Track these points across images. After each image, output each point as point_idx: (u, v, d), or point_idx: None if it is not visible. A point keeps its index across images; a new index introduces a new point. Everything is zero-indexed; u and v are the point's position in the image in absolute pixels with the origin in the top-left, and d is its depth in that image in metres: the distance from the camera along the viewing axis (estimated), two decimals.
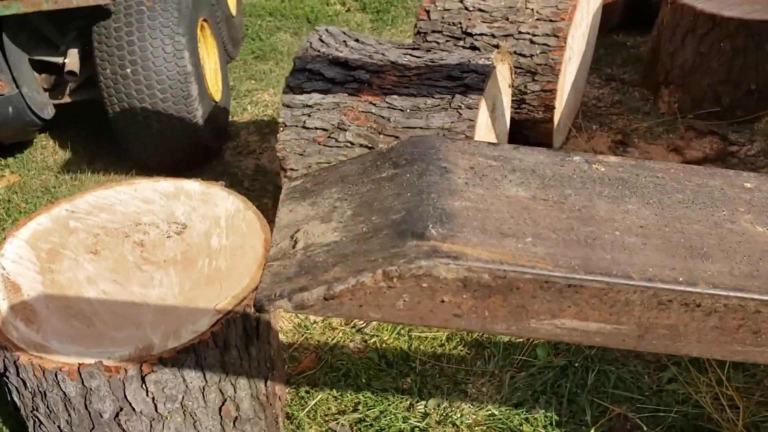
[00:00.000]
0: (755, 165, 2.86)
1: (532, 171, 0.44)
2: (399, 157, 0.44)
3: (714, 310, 0.38)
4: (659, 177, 0.45)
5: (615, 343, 0.40)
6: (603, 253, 0.38)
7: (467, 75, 1.97)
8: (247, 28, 4.41)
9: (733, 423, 1.75)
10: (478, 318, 0.39)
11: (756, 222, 0.43)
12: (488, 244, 0.38)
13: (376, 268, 0.37)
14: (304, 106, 2.01)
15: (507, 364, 2.01)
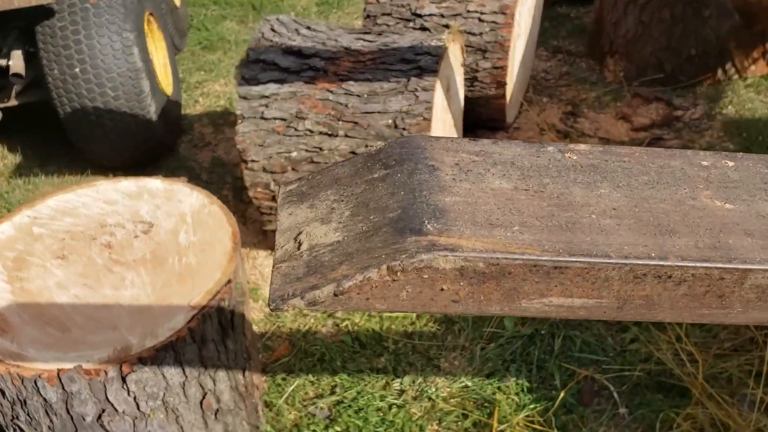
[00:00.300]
0: (699, 128, 2.97)
1: (512, 163, 0.48)
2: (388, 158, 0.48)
3: (683, 279, 0.42)
4: (626, 161, 0.49)
5: (597, 315, 0.44)
6: (583, 236, 0.42)
7: (421, 57, 2.00)
8: (192, 19, 4.35)
9: (693, 376, 1.84)
10: (475, 302, 0.42)
11: (714, 197, 0.47)
12: (480, 234, 0.41)
13: (381, 263, 0.40)
14: (261, 97, 2.02)
15: (477, 337, 2.07)
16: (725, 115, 3.01)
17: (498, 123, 2.83)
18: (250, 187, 2.10)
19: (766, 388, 1.78)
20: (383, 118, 1.93)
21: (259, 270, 2.43)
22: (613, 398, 1.87)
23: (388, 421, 1.86)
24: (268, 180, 2.06)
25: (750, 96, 3.11)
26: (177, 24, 3.78)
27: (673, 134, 2.95)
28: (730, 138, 2.87)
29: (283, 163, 2.02)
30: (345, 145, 1.96)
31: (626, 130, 3.01)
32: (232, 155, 3.06)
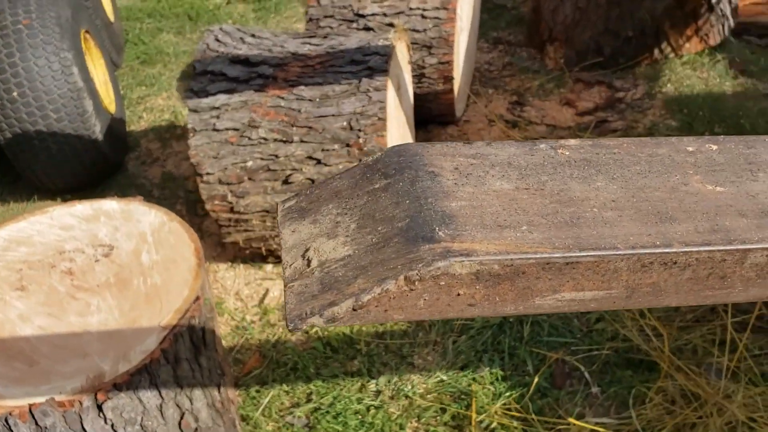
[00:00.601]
0: (642, 107, 3.05)
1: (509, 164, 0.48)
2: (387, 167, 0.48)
3: (688, 264, 0.43)
4: (616, 153, 0.50)
5: (607, 305, 0.45)
6: (589, 230, 0.43)
7: (370, 57, 2.00)
8: (128, 33, 4.26)
9: (660, 350, 1.90)
10: (490, 304, 0.43)
11: (705, 181, 0.49)
12: (491, 237, 0.42)
13: (398, 274, 0.40)
14: (211, 109, 1.99)
15: (447, 330, 2.08)
16: (665, 94, 3.10)
17: (448, 117, 2.86)
18: (207, 200, 2.07)
19: (730, 355, 1.84)
20: (338, 121, 1.93)
21: (221, 283, 2.40)
22: (585, 378, 1.91)
23: (368, 423, 1.86)
24: (225, 192, 2.04)
25: (687, 73, 3.21)
26: (113, 40, 3.70)
27: (617, 116, 3.02)
28: (672, 115, 2.95)
29: (239, 173, 2.00)
30: (301, 151, 1.95)
31: (572, 115, 3.07)
32: (182, 169, 3.01)
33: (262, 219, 2.10)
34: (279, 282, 2.34)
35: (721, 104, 2.99)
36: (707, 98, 3.03)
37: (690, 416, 1.72)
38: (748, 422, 1.69)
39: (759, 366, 1.84)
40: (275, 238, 2.19)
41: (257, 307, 2.27)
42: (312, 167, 1.96)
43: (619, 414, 1.80)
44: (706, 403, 1.73)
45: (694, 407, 1.74)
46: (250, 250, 2.31)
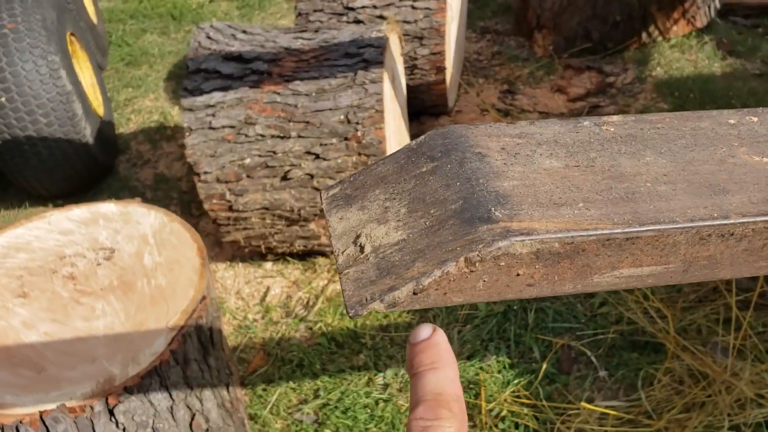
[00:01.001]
0: (632, 91, 3.06)
1: (555, 142, 0.47)
2: (432, 150, 0.47)
3: (744, 235, 0.43)
4: (659, 127, 0.50)
5: (664, 281, 0.44)
6: (646, 205, 0.42)
7: (364, 50, 1.99)
8: (111, 35, 4.22)
9: (665, 331, 1.90)
10: (549, 283, 0.42)
11: (751, 153, 0.48)
12: (549, 215, 0.41)
13: (458, 256, 0.39)
14: (206, 107, 1.97)
15: (452, 321, 2.08)
16: (655, 77, 3.11)
17: (440, 108, 2.85)
18: (205, 199, 2.05)
19: (735, 333, 1.85)
20: (335, 115, 1.92)
21: (221, 283, 2.39)
22: (592, 362, 1.91)
23: (377, 417, 1.85)
24: (223, 190, 2.02)
25: (675, 56, 3.22)
26: (97, 42, 3.66)
27: (608, 101, 3.02)
28: (663, 98, 2.96)
29: (237, 171, 1.98)
30: (299, 146, 1.94)
31: (563, 101, 3.07)
32: (174, 170, 2.99)
33: (262, 216, 2.08)
34: (279, 279, 2.33)
35: (711, 85, 3.01)
36: (697, 80, 3.05)
37: (699, 395, 1.72)
38: (756, 399, 1.70)
39: (764, 343, 1.86)
40: (275, 235, 2.17)
41: (259, 305, 2.25)
42: (311, 162, 1.94)
43: (628, 396, 1.80)
44: (714, 381, 1.74)
45: (702, 386, 1.75)
46: (249, 249, 2.30)
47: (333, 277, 2.27)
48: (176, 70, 3.79)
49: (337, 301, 2.19)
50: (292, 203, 2.02)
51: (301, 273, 2.32)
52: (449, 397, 0.39)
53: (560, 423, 1.74)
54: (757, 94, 2.94)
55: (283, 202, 2.02)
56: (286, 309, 2.22)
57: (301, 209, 2.03)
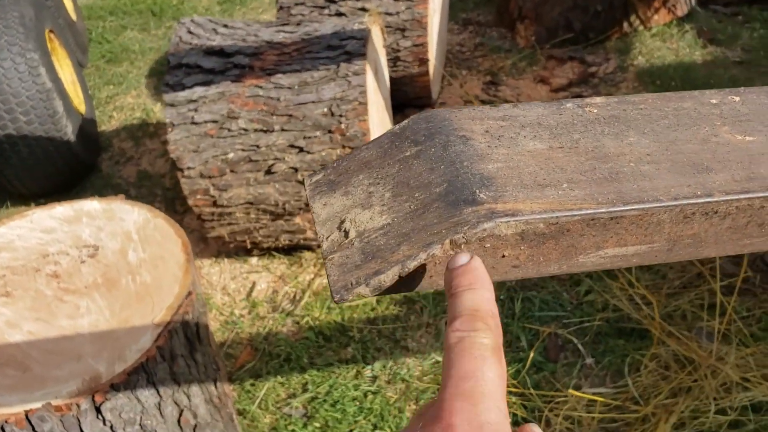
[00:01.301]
0: (615, 81, 3.07)
1: (538, 124, 0.47)
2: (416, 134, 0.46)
3: (728, 213, 0.43)
4: (642, 108, 0.50)
5: (649, 260, 0.44)
6: (629, 184, 0.42)
7: (347, 42, 1.98)
8: (91, 32, 4.18)
9: (650, 318, 1.91)
10: (534, 264, 0.42)
11: (733, 132, 0.48)
12: (534, 196, 0.41)
13: (443, 238, 0.39)
14: (188, 102, 1.96)
15: (439, 312, 2.08)
16: (637, 66, 3.12)
17: (424, 100, 2.85)
18: (189, 195, 2.04)
19: (720, 318, 1.87)
20: (318, 107, 1.91)
21: (206, 279, 2.37)
22: (579, 350, 1.92)
23: (366, 409, 1.85)
24: (207, 185, 2.01)
25: (657, 45, 3.23)
26: (77, 39, 3.63)
27: (590, 90, 3.03)
28: (644, 87, 2.98)
29: (221, 166, 1.97)
30: (283, 140, 1.93)
31: (546, 92, 3.08)
32: (157, 167, 2.97)
33: (246, 211, 2.07)
34: (265, 274, 2.32)
35: (692, 73, 3.03)
36: (678, 68, 3.06)
37: (685, 380, 1.74)
38: (742, 383, 1.72)
39: (748, 327, 1.87)
40: (260, 230, 2.17)
41: (245, 300, 2.25)
42: (294, 156, 1.93)
43: (615, 383, 1.81)
44: (700, 366, 1.76)
45: (688, 371, 1.76)
46: (235, 244, 2.29)
47: (319, 272, 2.26)
48: (158, 66, 3.76)
49: (324, 295, 2.19)
50: (277, 197, 2.01)
51: (287, 267, 2.31)
52: (486, 312, 0.40)
53: (548, 411, 1.75)
54: (737, 81, 2.96)
55: (267, 196, 2.01)
56: (272, 304, 2.21)
57: (285, 203, 2.03)
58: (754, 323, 1.89)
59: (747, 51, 3.17)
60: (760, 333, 1.87)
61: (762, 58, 3.11)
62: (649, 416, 1.70)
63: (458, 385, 0.37)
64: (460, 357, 0.38)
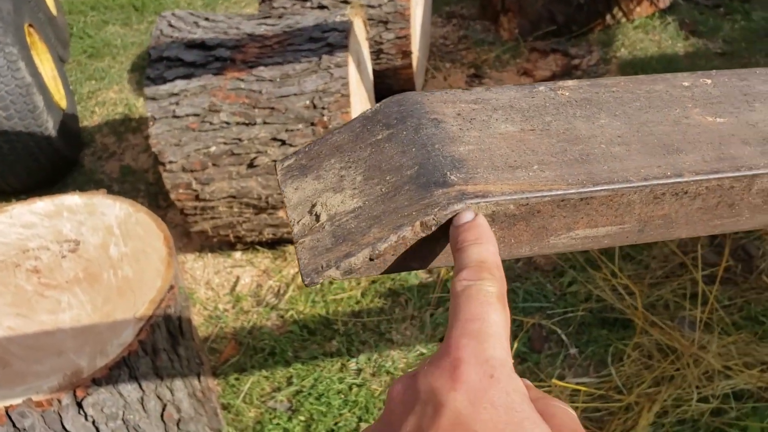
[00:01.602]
0: (597, 73, 3.08)
1: (510, 107, 0.47)
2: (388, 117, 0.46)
3: (698, 193, 0.43)
4: (614, 91, 0.50)
5: (620, 241, 0.45)
6: (600, 166, 0.42)
7: (329, 34, 1.97)
8: (72, 27, 4.13)
9: (633, 307, 1.93)
10: (506, 246, 0.42)
11: (704, 114, 0.48)
12: (504, 178, 0.41)
13: (414, 220, 0.39)
14: (170, 95, 1.94)
15: (424, 304, 2.09)
16: (619, 58, 3.13)
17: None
18: (171, 189, 2.03)
19: (702, 307, 1.88)
20: (300, 100, 1.90)
21: (190, 273, 2.36)
22: (562, 340, 1.93)
23: (351, 402, 1.85)
24: (189, 179, 2.00)
25: (639, 37, 3.25)
26: (57, 34, 3.59)
27: None
28: None
29: (203, 159, 1.96)
30: (265, 133, 1.92)
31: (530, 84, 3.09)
32: (140, 162, 2.95)
33: (229, 205, 2.06)
34: (249, 269, 2.31)
35: (674, 65, 3.04)
36: (661, 60, 3.08)
37: (668, 369, 1.75)
38: (724, 371, 1.73)
39: (730, 316, 1.89)
40: (243, 224, 2.16)
41: (229, 295, 2.24)
42: (277, 149, 1.93)
43: (599, 372, 1.82)
44: (683, 355, 1.77)
45: (671, 360, 1.77)
46: (218, 239, 2.28)
47: None
48: (140, 61, 3.73)
49: (308, 289, 2.19)
50: (260, 191, 2.00)
51: (271, 262, 2.31)
52: (491, 264, 0.41)
53: None
54: None
55: (250, 189, 2.00)
56: (256, 298, 2.21)
57: (268, 197, 2.02)
58: (735, 312, 1.91)
59: (728, 42, 3.19)
60: (742, 322, 1.88)
61: (743, 49, 3.13)
62: (632, 405, 1.71)
63: (465, 326, 0.39)
64: (467, 303, 0.39)
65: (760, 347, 1.80)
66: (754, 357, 1.76)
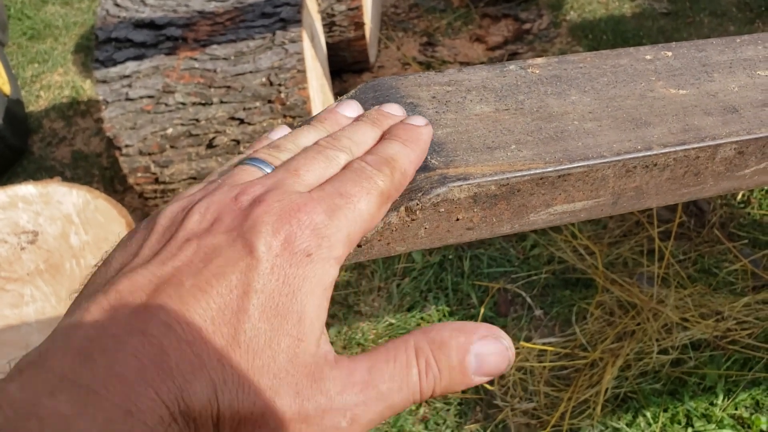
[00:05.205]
0: (549, 37, 3.11)
1: (484, 87, 0.48)
2: (363, 103, 0.47)
3: (666, 165, 0.45)
4: (582, 67, 0.51)
5: (595, 213, 0.46)
6: (574, 142, 0.44)
7: (281, 9, 1.95)
8: (9, 9, 3.98)
9: (594, 267, 1.98)
10: (488, 225, 0.43)
11: (668, 86, 0.50)
12: (483, 159, 0.42)
13: (398, 206, 0.40)
14: (121, 78, 1.90)
15: (390, 275, 2.11)
16: (569, 21, 3.16)
17: (362, 65, 2.83)
18: (129, 173, 1.99)
19: (658, 263, 1.94)
20: (256, 78, 1.88)
21: None
22: (527, 303, 1.98)
23: None
24: (148, 163, 1.97)
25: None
26: None
27: (526, 47, 3.07)
28: (578, 42, 3.02)
29: (160, 142, 1.93)
30: (222, 112, 1.90)
31: (483, 50, 3.10)
32: (92, 146, 2.88)
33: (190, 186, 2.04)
34: None
35: (622, 26, 3.08)
36: (609, 21, 3.12)
37: (629, 324, 1.81)
38: (681, 323, 1.80)
39: (685, 270, 1.96)
40: None
41: None
42: (235, 128, 1.91)
43: (564, 332, 1.87)
44: (642, 310, 1.83)
45: (631, 315, 1.83)
46: None
47: None
48: (84, 41, 3.62)
49: None
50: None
51: None
52: (401, 167, 0.39)
53: None
54: (666, 32, 3.03)
55: (210, 170, 1.98)
56: None
57: None
58: (690, 266, 1.98)
59: (673, 2, 3.25)
60: (696, 275, 1.95)
61: (687, 9, 3.19)
62: (597, 361, 1.76)
63: (330, 195, 0.36)
64: (347, 178, 0.37)
65: (715, 298, 1.87)
66: (709, 308, 1.83)
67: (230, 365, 0.31)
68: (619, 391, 1.72)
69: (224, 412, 0.31)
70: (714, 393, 1.70)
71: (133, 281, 0.32)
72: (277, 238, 0.33)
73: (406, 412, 1.79)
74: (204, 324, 0.31)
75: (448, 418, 1.75)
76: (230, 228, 0.34)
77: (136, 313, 0.31)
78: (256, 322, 0.32)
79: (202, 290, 0.32)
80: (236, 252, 0.33)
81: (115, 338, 0.30)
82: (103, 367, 0.29)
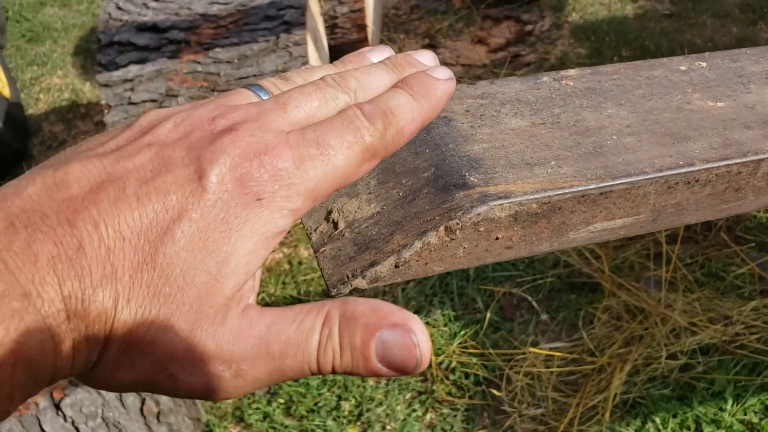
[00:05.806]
0: (551, 38, 3.10)
1: (518, 100, 0.47)
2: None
3: (708, 181, 0.44)
4: (615, 78, 0.50)
5: (634, 231, 0.45)
6: (615, 158, 0.43)
7: (284, 11, 1.93)
8: (7, 11, 3.96)
9: (600, 271, 1.97)
10: (527, 244, 0.42)
11: (704, 98, 0.49)
12: (523, 176, 0.41)
13: (438, 225, 0.39)
14: (124, 81, 1.89)
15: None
16: (572, 23, 3.15)
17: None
18: None
19: (665, 267, 1.93)
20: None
21: None
22: (534, 307, 1.96)
23: (329, 381, 1.86)
24: None
25: (590, 0, 3.27)
26: None
27: (528, 49, 3.06)
28: (580, 43, 3.01)
29: None
30: None
31: (485, 52, 3.09)
32: None
33: None
34: None
35: (624, 28, 3.08)
36: (611, 23, 3.11)
37: (637, 329, 1.80)
38: (689, 327, 1.79)
39: (692, 273, 1.95)
40: None
41: None
42: None
43: (571, 336, 1.86)
44: (650, 314, 1.82)
45: (639, 320, 1.82)
46: None
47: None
48: (83, 44, 3.61)
49: (278, 270, 2.17)
50: None
51: None
52: (397, 123, 0.36)
53: (509, 369, 1.79)
54: (668, 34, 3.02)
55: None
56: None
57: None
58: (697, 269, 1.97)
59: (675, 3, 3.24)
60: (704, 278, 1.94)
61: (690, 10, 3.18)
62: (604, 366, 1.75)
63: (303, 137, 0.34)
64: (333, 126, 0.34)
65: (723, 302, 1.86)
66: (717, 312, 1.82)
67: (139, 284, 0.30)
68: (627, 396, 1.71)
69: (117, 329, 0.30)
70: (723, 398, 1.69)
71: (85, 168, 0.32)
72: (233, 173, 0.32)
73: (412, 417, 1.78)
74: (130, 235, 0.31)
75: (455, 424, 1.74)
76: (193, 147, 0.33)
77: (72, 200, 0.31)
78: (179, 249, 0.31)
79: (140, 201, 0.31)
80: (187, 174, 0.32)
81: (44, 218, 0.30)
82: (22, 240, 0.29)
